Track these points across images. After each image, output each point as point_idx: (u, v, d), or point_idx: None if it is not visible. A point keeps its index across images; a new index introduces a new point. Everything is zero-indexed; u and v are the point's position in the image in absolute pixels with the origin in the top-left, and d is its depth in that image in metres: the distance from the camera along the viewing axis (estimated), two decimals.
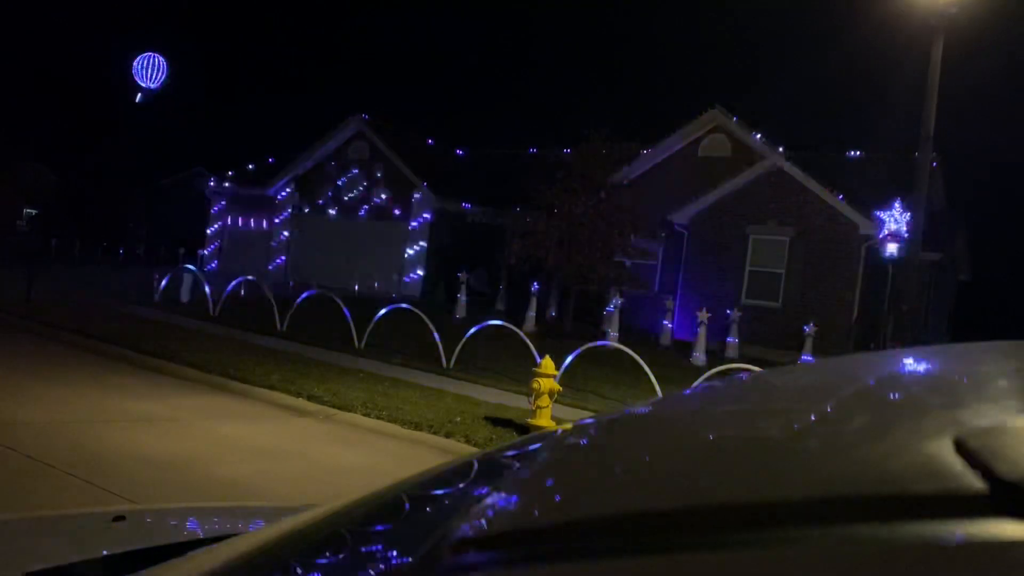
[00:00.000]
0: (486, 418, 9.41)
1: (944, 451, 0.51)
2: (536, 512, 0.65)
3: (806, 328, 19.20)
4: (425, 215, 28.15)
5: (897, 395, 0.71)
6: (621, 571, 0.51)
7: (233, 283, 18.09)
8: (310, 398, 9.52)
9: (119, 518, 1.62)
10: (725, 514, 0.52)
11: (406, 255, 28.32)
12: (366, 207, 29.52)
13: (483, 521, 0.65)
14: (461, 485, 0.91)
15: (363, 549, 0.89)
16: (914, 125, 13.93)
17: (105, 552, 1.45)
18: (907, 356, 0.91)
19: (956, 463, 0.50)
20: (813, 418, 0.65)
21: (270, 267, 30.55)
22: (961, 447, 0.51)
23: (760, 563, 0.48)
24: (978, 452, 0.50)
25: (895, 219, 19.83)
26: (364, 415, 9.02)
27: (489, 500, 0.70)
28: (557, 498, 0.68)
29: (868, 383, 0.76)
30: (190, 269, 19.81)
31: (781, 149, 22.77)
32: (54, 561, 1.34)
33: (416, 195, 28.21)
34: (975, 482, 0.48)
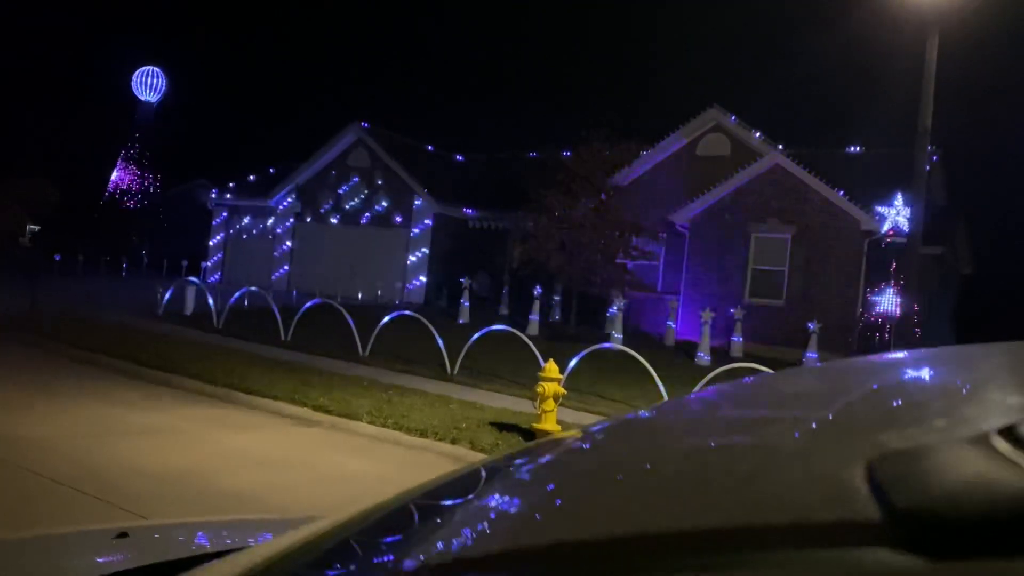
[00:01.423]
0: (491, 423, 9.41)
1: (856, 477, 0.50)
2: (510, 536, 0.65)
3: (810, 325, 19.16)
4: (426, 221, 28.18)
5: (832, 414, 0.70)
6: None
7: (237, 294, 18.13)
8: (315, 407, 9.53)
9: (122, 535, 1.62)
10: (653, 543, 0.51)
11: (408, 262, 28.33)
12: (367, 215, 29.56)
13: (465, 543, 0.66)
14: (459, 497, 0.92)
15: (355, 567, 0.89)
16: (913, 120, 13.92)
17: (107, 571, 1.46)
18: (864, 367, 0.90)
19: (863, 489, 0.48)
20: (748, 441, 0.64)
21: (273, 277, 30.60)
22: (871, 472, 0.50)
23: None
24: (882, 479, 0.48)
25: (896, 214, 19.81)
26: (369, 423, 9.02)
27: (473, 522, 0.71)
28: (533, 522, 0.69)
29: (809, 401, 0.75)
30: (193, 281, 19.84)
31: (780, 147, 22.77)
32: None
33: (417, 201, 28.24)
34: (873, 510, 0.46)
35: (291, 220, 31.17)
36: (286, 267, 31.05)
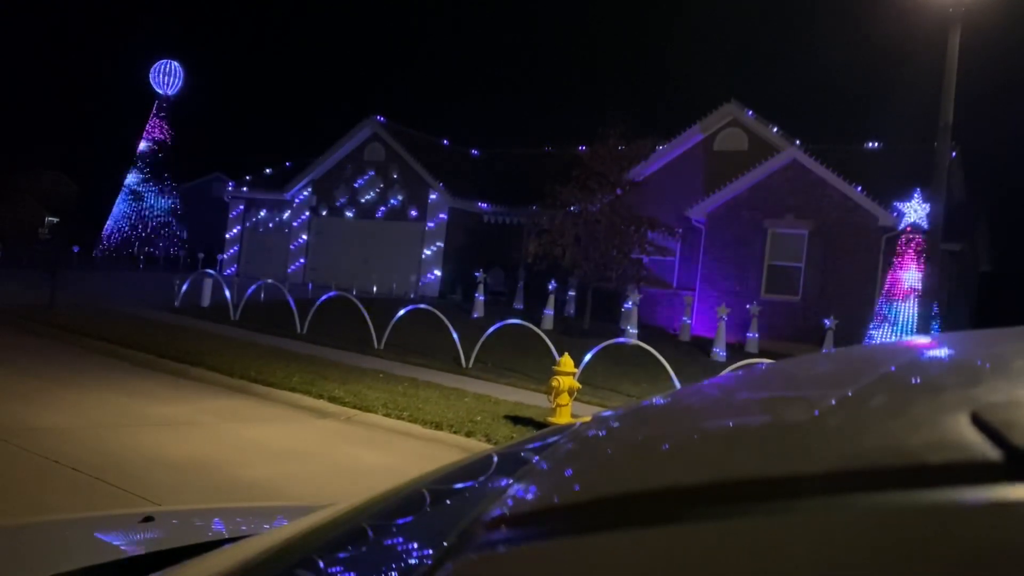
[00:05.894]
0: (506, 417, 9.43)
1: (961, 425, 0.54)
2: (562, 491, 0.68)
3: (826, 322, 19.07)
4: (441, 215, 28.22)
5: (917, 377, 0.73)
6: (646, 539, 0.53)
7: (253, 287, 18.23)
8: (331, 399, 9.58)
9: (147, 519, 1.64)
10: (746, 486, 0.55)
11: (423, 255, 28.40)
12: (383, 209, 29.63)
13: (514, 501, 0.68)
14: (491, 472, 0.94)
15: (403, 531, 0.91)
16: (933, 115, 13.79)
17: (133, 552, 1.47)
18: (925, 342, 0.91)
19: (972, 435, 0.52)
20: (835, 400, 0.67)
21: (289, 270, 30.75)
22: (977, 420, 0.54)
23: (777, 529, 0.50)
24: (993, 424, 0.53)
25: (914, 210, 19.63)
26: (385, 415, 9.06)
27: (518, 483, 0.73)
28: (581, 478, 0.71)
29: (888, 367, 0.77)
30: (210, 274, 19.97)
31: (798, 142, 22.62)
32: (83, 562, 1.36)
33: (432, 196, 28.28)
34: (990, 451, 0.51)
35: (307, 213, 31.30)
36: (302, 260, 31.19)
